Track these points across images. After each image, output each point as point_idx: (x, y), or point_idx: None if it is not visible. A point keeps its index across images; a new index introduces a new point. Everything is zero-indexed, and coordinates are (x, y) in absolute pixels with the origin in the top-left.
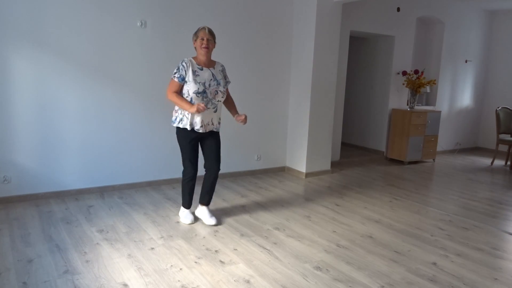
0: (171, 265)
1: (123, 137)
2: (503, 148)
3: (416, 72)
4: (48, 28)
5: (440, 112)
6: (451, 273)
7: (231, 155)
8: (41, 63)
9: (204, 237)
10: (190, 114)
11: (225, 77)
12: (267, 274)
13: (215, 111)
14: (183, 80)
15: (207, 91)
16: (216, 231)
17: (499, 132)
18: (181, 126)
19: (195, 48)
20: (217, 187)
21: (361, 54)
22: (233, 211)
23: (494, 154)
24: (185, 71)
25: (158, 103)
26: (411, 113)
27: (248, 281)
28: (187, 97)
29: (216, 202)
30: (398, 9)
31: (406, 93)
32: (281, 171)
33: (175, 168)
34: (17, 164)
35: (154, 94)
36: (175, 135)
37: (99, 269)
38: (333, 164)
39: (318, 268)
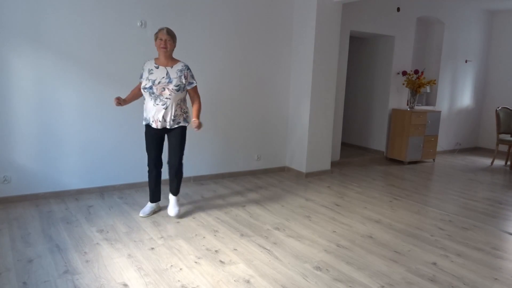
0: (171, 265)
1: (123, 137)
2: (503, 148)
3: (416, 72)
4: (48, 28)
5: (440, 112)
6: (451, 273)
7: (231, 155)
8: (41, 63)
9: (204, 237)
10: (145, 111)
11: (185, 77)
12: (267, 274)
13: (165, 108)
14: (141, 78)
15: (153, 87)
16: (216, 231)
17: (499, 132)
18: (143, 122)
19: (156, 48)
20: (217, 186)
21: (361, 54)
22: (233, 211)
23: (494, 154)
24: (143, 70)
25: None
26: (411, 113)
27: (248, 281)
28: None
29: (216, 201)
30: (398, 9)
31: (406, 93)
32: (281, 171)
33: None
34: (17, 164)
35: None
36: None
37: (99, 269)
38: (333, 164)
39: (318, 268)
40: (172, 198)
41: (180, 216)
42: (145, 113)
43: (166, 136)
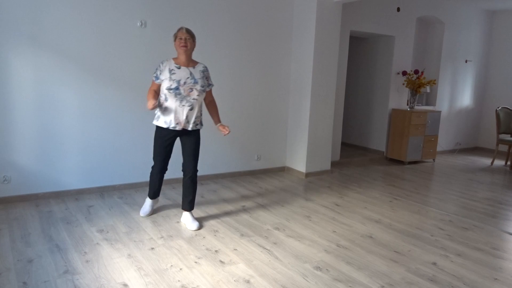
0: (171, 265)
1: (123, 137)
2: (503, 148)
3: (416, 72)
4: (48, 28)
5: (440, 112)
6: (451, 273)
7: (231, 155)
8: (41, 63)
9: (204, 237)
10: (165, 112)
11: (206, 78)
12: (267, 274)
13: (191, 109)
14: (158, 80)
15: (180, 88)
16: (216, 231)
17: (499, 132)
18: (158, 124)
19: (176, 48)
20: (217, 186)
21: (361, 54)
22: (233, 211)
23: (494, 154)
24: (160, 71)
25: None
26: (411, 113)
27: (248, 281)
28: (163, 93)
29: (216, 202)
30: (398, 9)
31: (406, 93)
32: (281, 171)
33: (175, 168)
34: (17, 164)
35: None
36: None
37: (99, 269)
38: (333, 164)
39: (318, 268)
40: (187, 214)
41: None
42: (164, 114)
43: (180, 140)
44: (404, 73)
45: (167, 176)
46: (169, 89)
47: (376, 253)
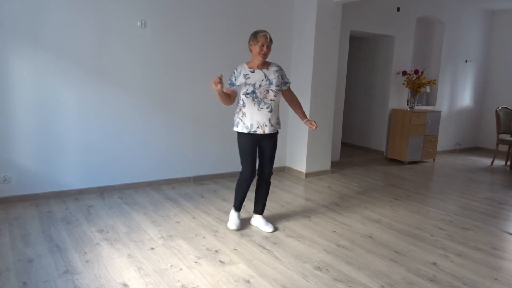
0: (171, 265)
1: (123, 137)
2: (503, 148)
3: (416, 72)
4: (48, 28)
5: (440, 112)
6: (451, 273)
7: (231, 155)
8: (41, 63)
9: (204, 237)
10: (245, 117)
11: (281, 77)
12: (267, 274)
13: (270, 111)
14: (233, 86)
15: (256, 91)
16: (216, 231)
17: (499, 132)
18: (239, 130)
19: (250, 50)
20: (217, 186)
21: (361, 54)
22: None
23: (494, 154)
24: (235, 77)
25: (158, 103)
26: (411, 113)
27: (248, 281)
28: (240, 99)
29: (216, 201)
30: (398, 9)
31: (406, 93)
32: (281, 171)
33: (175, 168)
34: (17, 164)
35: (154, 94)
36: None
37: (99, 269)
38: (333, 164)
39: (318, 268)
40: (260, 217)
41: (179, 216)
42: (245, 120)
43: (260, 144)
44: (404, 73)
45: (166, 176)
46: (246, 94)
47: (376, 253)
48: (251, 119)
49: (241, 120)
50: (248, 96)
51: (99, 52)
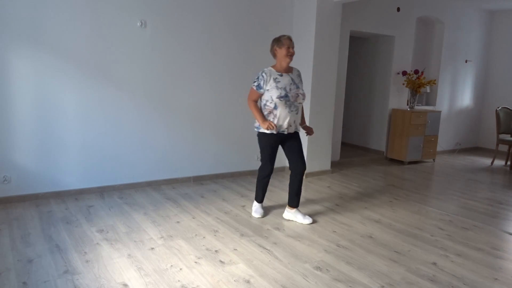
0: (171, 265)
1: (123, 137)
2: (503, 148)
3: (416, 72)
4: (48, 28)
5: (440, 112)
6: (451, 273)
7: (231, 155)
8: (41, 63)
9: (204, 237)
10: (276, 119)
11: (301, 82)
12: (267, 274)
13: (297, 113)
14: (261, 89)
15: (288, 95)
16: (216, 231)
17: (499, 132)
18: (268, 132)
19: (275, 54)
20: (217, 186)
21: (361, 54)
22: (233, 211)
23: (494, 154)
24: (264, 81)
25: (158, 103)
26: (411, 113)
27: (248, 281)
28: (271, 102)
29: (216, 201)
30: (398, 9)
31: (406, 93)
32: (281, 171)
33: (175, 168)
34: (17, 164)
35: (154, 94)
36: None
37: (99, 269)
38: (333, 164)
39: (318, 268)
40: (297, 210)
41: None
42: (275, 122)
43: (282, 142)
44: (404, 73)
45: (167, 176)
46: (279, 97)
47: (376, 253)
48: (282, 121)
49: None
50: (282, 99)
51: (99, 52)
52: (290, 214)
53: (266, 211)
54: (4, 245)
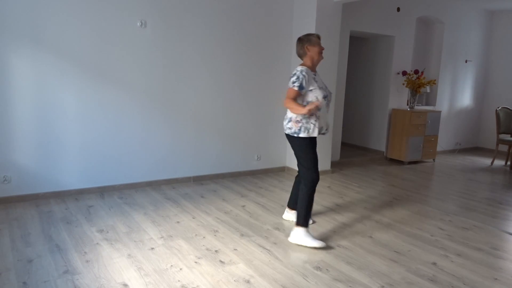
0: (171, 265)
1: (123, 137)
2: (503, 148)
3: (416, 72)
4: (48, 28)
5: (440, 112)
6: (451, 273)
7: (231, 155)
8: (41, 63)
9: (204, 237)
10: (318, 121)
11: None
12: (267, 274)
13: (327, 113)
14: (303, 89)
15: (327, 95)
16: (216, 231)
17: (499, 132)
18: (314, 135)
19: (305, 53)
20: (217, 186)
21: (361, 54)
22: (233, 211)
23: (494, 154)
24: (306, 81)
25: (158, 103)
26: (411, 113)
27: (248, 281)
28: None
29: (216, 201)
30: (398, 9)
31: (406, 93)
32: (281, 171)
33: (175, 168)
34: (17, 164)
35: (154, 94)
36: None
37: (99, 269)
38: (333, 164)
39: (318, 268)
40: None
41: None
42: (318, 123)
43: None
44: (404, 73)
45: (166, 176)
46: (324, 97)
47: (376, 253)
48: (323, 122)
49: (314, 124)
50: (326, 99)
51: (99, 52)
52: (290, 215)
53: (266, 211)
54: (4, 245)
